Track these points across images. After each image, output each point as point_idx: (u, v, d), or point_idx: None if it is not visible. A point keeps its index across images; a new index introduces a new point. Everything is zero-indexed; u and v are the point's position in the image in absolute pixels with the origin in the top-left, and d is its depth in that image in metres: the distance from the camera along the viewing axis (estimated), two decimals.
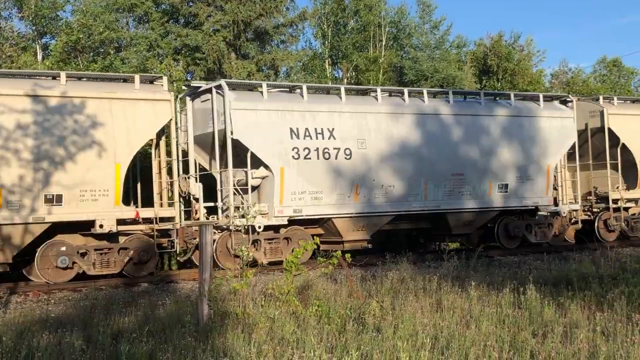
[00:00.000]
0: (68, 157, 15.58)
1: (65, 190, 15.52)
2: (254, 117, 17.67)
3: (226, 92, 17.52)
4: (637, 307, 10.13)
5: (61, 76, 16.10)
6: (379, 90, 19.53)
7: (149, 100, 16.69)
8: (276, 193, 17.71)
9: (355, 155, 18.55)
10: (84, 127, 15.81)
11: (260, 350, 8.04)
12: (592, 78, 56.70)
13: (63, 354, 8.07)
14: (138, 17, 38.48)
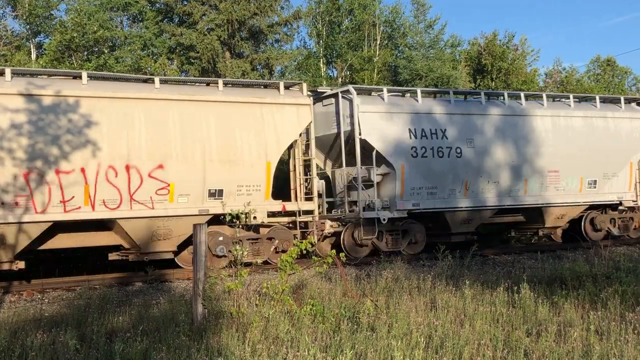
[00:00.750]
0: (232, 156, 17.44)
1: (226, 186, 17.22)
2: (378, 119, 19.27)
3: (354, 96, 19.09)
4: (630, 306, 10.16)
5: (219, 83, 17.90)
6: (483, 94, 21.44)
7: (293, 105, 18.49)
8: (397, 188, 19.27)
9: (465, 154, 20.18)
10: (243, 129, 17.64)
11: (254, 350, 8.04)
12: (586, 77, 56.82)
13: (57, 354, 8.06)
14: (132, 16, 38.50)
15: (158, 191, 16.46)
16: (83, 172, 15.58)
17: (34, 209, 15.11)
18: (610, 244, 19.71)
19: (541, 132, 21.52)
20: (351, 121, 19.08)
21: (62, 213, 15.37)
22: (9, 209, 14.92)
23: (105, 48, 33.61)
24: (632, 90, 57.13)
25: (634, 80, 59.42)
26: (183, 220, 16.57)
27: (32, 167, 15.09)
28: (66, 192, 15.40)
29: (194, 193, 16.83)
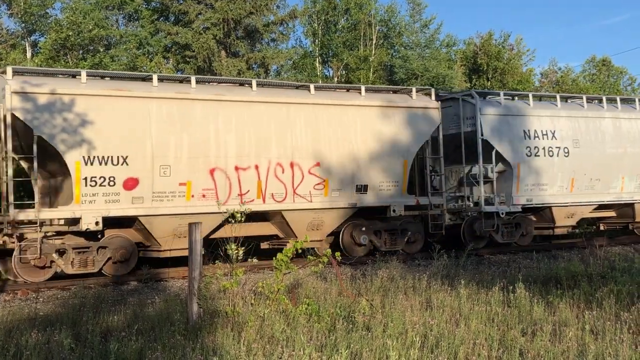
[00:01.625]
0: (375, 155, 19.11)
1: (370, 181, 18.99)
2: (497, 121, 21.02)
3: (477, 100, 20.82)
4: (625, 305, 10.17)
5: (362, 90, 19.60)
6: (585, 98, 22.93)
7: (425, 108, 20.07)
8: (514, 185, 20.94)
9: (571, 153, 21.88)
10: (383, 130, 19.28)
11: (249, 349, 8.03)
12: (582, 77, 56.89)
13: (52, 353, 8.04)
14: (128, 14, 38.42)
15: (315, 186, 18.35)
16: (257, 169, 17.56)
17: (216, 200, 16.89)
18: (606, 243, 19.79)
19: (636, 134, 23.42)
20: (472, 122, 20.89)
21: (238, 204, 16.19)
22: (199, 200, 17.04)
23: (101, 47, 33.55)
24: (627, 90, 57.22)
25: (629, 81, 59.55)
26: (335, 212, 18.68)
27: (216, 166, 17.16)
28: (243, 187, 17.38)
29: (344, 188, 18.72)
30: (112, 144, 15.89)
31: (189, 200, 16.72)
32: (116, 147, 15.92)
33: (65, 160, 15.45)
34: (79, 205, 15.56)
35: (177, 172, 16.57)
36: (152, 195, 16.30)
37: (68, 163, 15.47)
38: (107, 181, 15.82)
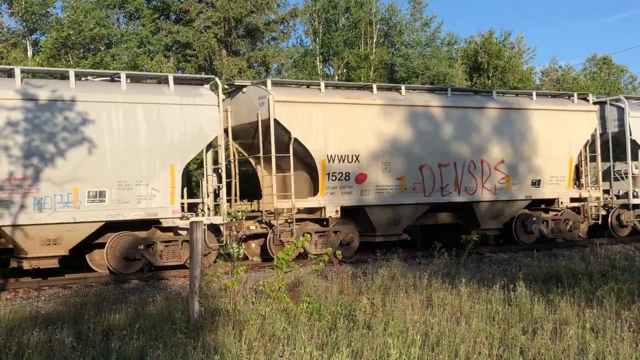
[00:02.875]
0: (548, 153, 21.69)
1: (543, 177, 21.59)
2: None
3: (626, 104, 23.05)
4: (626, 304, 10.17)
5: (533, 95, 22.26)
6: None
7: (584, 111, 22.59)
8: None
9: None
10: (553, 132, 21.79)
11: (250, 347, 8.04)
12: (582, 75, 56.88)
13: (53, 351, 8.05)
14: (129, 13, 38.41)
15: (500, 180, 20.94)
16: (455, 165, 20.13)
17: (423, 193, 19.70)
18: (605, 242, 19.78)
19: None
20: (620, 124, 23.23)
21: (439, 197, 20.00)
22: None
23: (102, 45, 33.56)
24: (628, 88, 57.21)
25: (630, 79, 59.54)
26: (513, 204, 21.29)
27: (424, 163, 19.83)
28: (444, 181, 20.00)
29: (522, 182, 21.29)
30: (347, 145, 18.73)
31: (403, 193, 19.52)
32: (350, 148, 18.75)
33: (314, 158, 18.33)
34: (323, 197, 18.47)
35: (395, 168, 19.32)
36: (375, 188, 19.06)
37: (316, 160, 18.34)
38: (344, 176, 18.67)
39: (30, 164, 15.12)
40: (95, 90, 16.29)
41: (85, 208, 15.70)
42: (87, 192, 15.77)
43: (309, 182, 18.89)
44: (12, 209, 14.99)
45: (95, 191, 15.89)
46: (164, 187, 16.55)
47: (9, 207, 14.95)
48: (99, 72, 18.13)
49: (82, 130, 15.66)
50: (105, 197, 15.96)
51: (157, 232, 16.96)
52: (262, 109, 18.12)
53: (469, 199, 20.47)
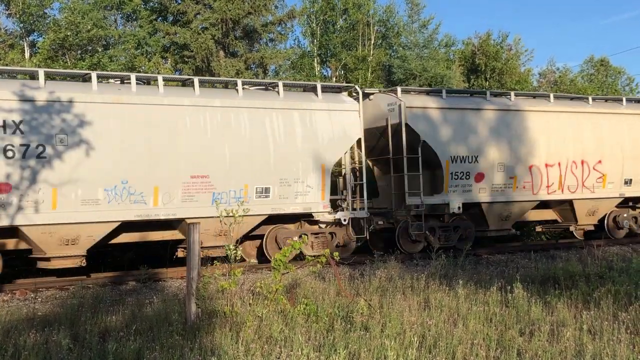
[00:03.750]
0: (637, 152, 23.15)
1: (634, 176, 22.98)
2: None
3: None
4: (623, 305, 10.19)
5: (623, 101, 23.72)
6: None
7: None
8: None
9: None
10: None
11: (248, 349, 8.04)
12: (580, 77, 56.91)
13: (50, 353, 8.04)
14: (126, 14, 38.39)
15: (597, 179, 22.31)
16: (559, 165, 21.63)
17: (532, 191, 21.28)
18: (603, 244, 19.83)
19: None
20: None
21: (546, 194, 21.52)
22: None
23: (99, 47, 33.52)
24: (625, 90, 57.27)
25: (627, 80, 59.60)
26: (608, 201, 22.80)
27: (533, 163, 21.34)
28: (550, 180, 21.48)
29: (616, 181, 22.66)
30: (468, 147, 20.27)
31: (515, 191, 21.02)
32: (470, 149, 20.28)
33: (440, 159, 19.81)
34: (447, 194, 20.04)
35: (508, 168, 20.90)
36: (491, 187, 20.62)
37: (441, 161, 19.82)
38: (464, 175, 20.24)
39: (209, 164, 16.98)
40: (259, 97, 18.09)
41: (254, 203, 17.19)
42: (255, 189, 17.55)
43: (428, 181, 20.55)
44: (195, 203, 16.72)
45: (262, 187, 17.67)
46: (316, 184, 18.34)
47: (194, 201, 16.77)
48: (255, 82, 20.35)
49: (252, 134, 17.54)
50: (270, 193, 17.76)
51: (306, 225, 18.73)
52: (392, 115, 19.90)
53: (571, 196, 22.04)
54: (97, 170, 15.61)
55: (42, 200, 15.01)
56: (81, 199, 15.48)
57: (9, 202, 14.74)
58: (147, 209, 16.22)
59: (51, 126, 15.24)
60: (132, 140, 16.05)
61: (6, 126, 14.86)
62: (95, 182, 15.59)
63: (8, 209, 14.76)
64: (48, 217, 15.08)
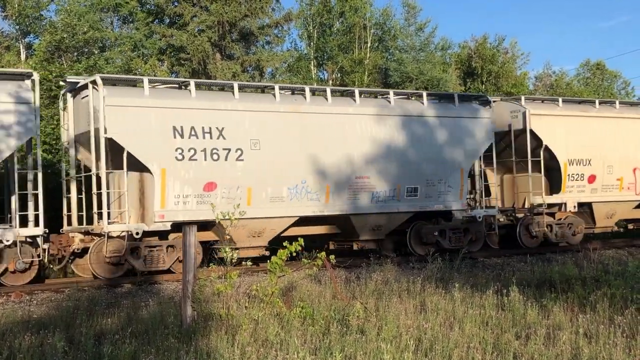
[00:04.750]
0: None
1: None
2: None
3: None
4: (619, 309, 10.18)
5: None
6: None
7: None
8: None
9: None
10: None
11: (243, 352, 8.02)
12: (576, 81, 57.02)
13: (45, 356, 8.02)
14: (123, 17, 38.35)
15: None
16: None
17: (635, 191, 23.39)
18: (599, 247, 19.85)
19: None
20: None
21: None
22: None
23: (96, 49, 33.45)
24: (621, 93, 57.39)
25: (623, 84, 59.74)
26: None
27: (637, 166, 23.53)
28: None
29: None
30: (582, 151, 22.15)
31: (621, 192, 23.02)
32: (584, 153, 22.22)
33: (559, 161, 21.85)
34: (565, 194, 22.09)
35: (616, 170, 22.84)
36: (601, 187, 22.53)
37: (560, 164, 21.86)
38: (579, 177, 22.21)
39: (370, 167, 19.21)
40: (407, 106, 20.23)
41: (404, 201, 19.60)
42: (406, 188, 19.71)
43: (540, 182, 22.07)
44: (357, 201, 19.06)
45: (412, 187, 19.76)
46: (456, 184, 20.38)
47: (357, 199, 19.13)
48: (400, 92, 21.67)
49: (404, 139, 19.73)
50: (417, 192, 19.85)
51: (442, 222, 20.59)
52: (515, 121, 22.03)
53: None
54: (283, 171, 17.81)
55: (239, 198, 16.96)
56: (270, 196, 17.68)
57: (214, 198, 16.66)
58: (320, 206, 18.36)
59: (246, 132, 17.47)
60: (309, 145, 18.23)
61: (211, 132, 16.93)
62: (281, 182, 17.82)
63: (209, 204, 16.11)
64: (245, 212, 15.80)
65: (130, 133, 16.28)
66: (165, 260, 16.76)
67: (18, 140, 15.72)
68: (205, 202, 16.39)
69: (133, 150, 16.25)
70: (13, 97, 15.68)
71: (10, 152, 15.69)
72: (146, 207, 16.85)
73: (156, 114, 16.56)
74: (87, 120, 16.75)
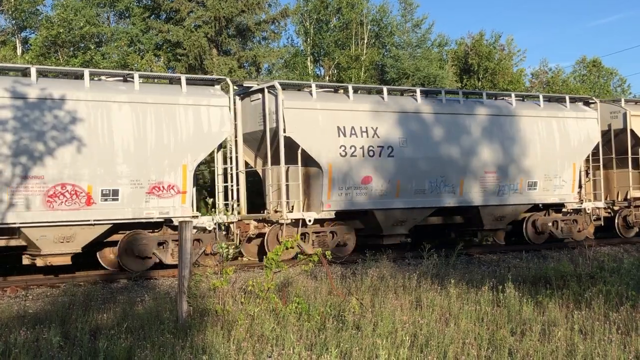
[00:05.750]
0: None
1: None
2: None
3: None
4: (614, 305, 10.20)
5: None
6: None
7: None
8: None
9: None
10: None
11: (239, 348, 8.02)
12: (572, 78, 57.04)
13: (40, 351, 8.01)
14: (119, 12, 38.26)
15: None
16: None
17: None
18: (595, 244, 19.89)
19: None
20: None
21: None
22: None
23: (92, 44, 33.40)
24: (617, 91, 57.43)
25: (619, 81, 59.78)
26: None
27: None
28: None
29: None
30: None
31: None
32: None
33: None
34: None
35: None
36: None
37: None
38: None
39: (496, 163, 21.12)
40: (527, 108, 22.17)
41: (525, 194, 21.60)
42: (527, 182, 21.57)
43: (637, 177, 23.85)
44: (484, 194, 20.98)
45: (532, 182, 21.69)
46: (569, 179, 22.22)
47: (485, 192, 21.04)
48: (521, 94, 23.50)
49: (525, 138, 21.58)
50: (537, 186, 21.75)
51: (553, 214, 22.53)
52: (614, 121, 23.83)
53: None
54: (425, 166, 19.87)
55: (390, 190, 19.18)
56: (414, 189, 19.72)
57: (369, 190, 18.94)
58: (455, 198, 20.48)
59: (395, 131, 19.52)
60: (447, 143, 20.33)
61: (367, 131, 18.97)
62: (424, 176, 19.84)
63: (369, 196, 19.03)
64: (394, 203, 19.41)
65: (304, 132, 18.31)
66: (329, 244, 18.84)
67: (219, 139, 17.79)
68: (363, 194, 18.97)
69: (307, 148, 18.28)
70: (212, 101, 17.66)
71: (211, 150, 17.81)
72: (312, 198, 19.04)
73: (323, 115, 18.69)
74: (258, 121, 18.96)
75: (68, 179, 15.64)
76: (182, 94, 17.29)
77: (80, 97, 15.95)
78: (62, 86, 16.13)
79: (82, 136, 15.79)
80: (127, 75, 17.42)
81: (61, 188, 15.57)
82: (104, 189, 15.99)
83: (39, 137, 15.40)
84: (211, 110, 17.48)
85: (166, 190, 16.81)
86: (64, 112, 15.76)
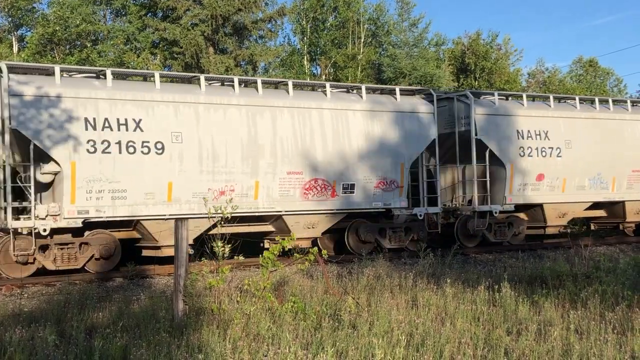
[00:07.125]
0: None
1: None
2: None
3: None
4: (610, 305, 10.21)
5: None
6: None
7: None
8: None
9: None
10: None
11: (235, 346, 8.01)
12: (569, 78, 57.12)
13: (36, 349, 7.99)
14: (115, 10, 38.24)
15: None
16: None
17: None
18: (591, 243, 19.89)
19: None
20: None
21: None
22: None
23: (88, 42, 33.38)
24: (613, 91, 57.53)
25: (615, 81, 59.88)
26: None
27: None
28: None
29: None
30: None
31: None
32: None
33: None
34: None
35: None
36: None
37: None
38: None
39: None
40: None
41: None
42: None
43: None
44: (632, 190, 23.34)
45: None
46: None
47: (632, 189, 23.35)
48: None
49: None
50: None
51: None
52: None
53: None
54: (586, 165, 22.09)
55: (556, 186, 21.66)
56: (576, 185, 22.04)
57: (539, 187, 21.50)
58: (608, 194, 22.80)
59: (562, 135, 21.80)
60: (602, 144, 22.47)
61: (540, 134, 21.49)
62: (585, 174, 22.17)
63: (540, 191, 21.56)
64: (560, 197, 21.88)
65: (491, 136, 20.70)
66: (507, 234, 21.44)
67: (427, 142, 19.84)
68: (536, 190, 21.39)
69: (493, 149, 20.64)
70: (424, 109, 19.94)
71: (422, 150, 19.86)
72: (493, 192, 21.11)
73: (502, 120, 21.11)
74: (443, 125, 21.14)
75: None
76: (407, 103, 19.78)
77: (323, 106, 18.42)
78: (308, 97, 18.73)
79: (328, 138, 18.33)
80: (354, 88, 19.80)
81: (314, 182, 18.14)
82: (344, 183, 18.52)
83: None
84: (425, 116, 19.86)
85: (388, 185, 18.99)
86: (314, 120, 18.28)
